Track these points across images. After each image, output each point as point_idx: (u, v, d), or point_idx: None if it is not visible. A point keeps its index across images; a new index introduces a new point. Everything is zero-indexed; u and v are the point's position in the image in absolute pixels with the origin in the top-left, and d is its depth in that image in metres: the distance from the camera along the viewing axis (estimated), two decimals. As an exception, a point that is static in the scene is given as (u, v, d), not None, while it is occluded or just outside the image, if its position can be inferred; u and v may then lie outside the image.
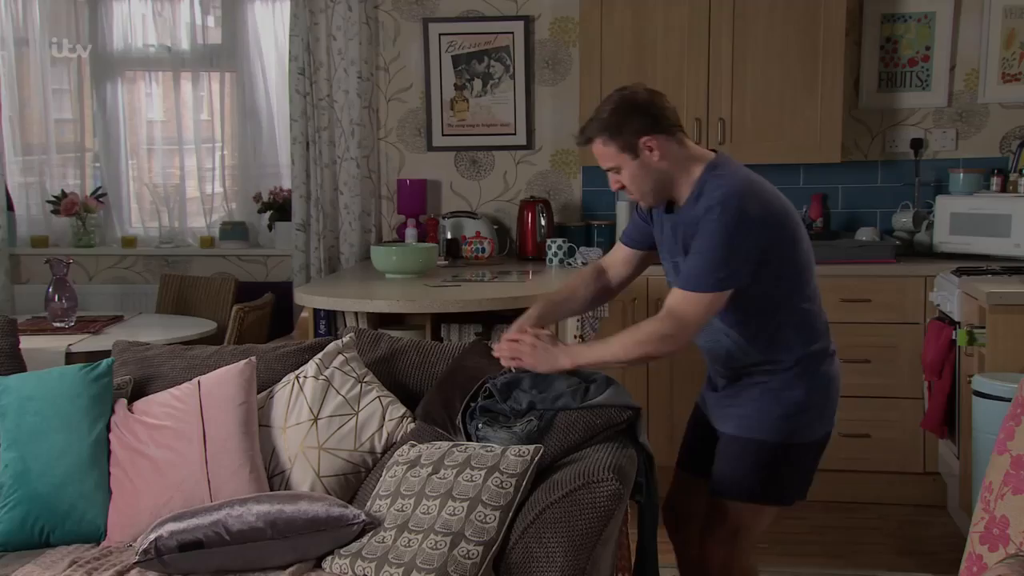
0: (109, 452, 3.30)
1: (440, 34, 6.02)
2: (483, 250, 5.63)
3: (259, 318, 5.09)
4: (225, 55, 6.40)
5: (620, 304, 5.34)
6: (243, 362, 3.35)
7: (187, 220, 6.53)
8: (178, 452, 3.24)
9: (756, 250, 2.93)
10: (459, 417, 3.19)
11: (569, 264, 5.43)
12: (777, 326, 3.07)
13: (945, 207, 5.52)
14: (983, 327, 4.40)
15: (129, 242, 6.45)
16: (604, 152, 3.05)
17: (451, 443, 3.05)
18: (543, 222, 5.72)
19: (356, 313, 4.62)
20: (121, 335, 4.80)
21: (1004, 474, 2.21)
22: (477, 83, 6.01)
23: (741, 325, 3.07)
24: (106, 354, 4.41)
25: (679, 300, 2.97)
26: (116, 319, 5.24)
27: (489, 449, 2.95)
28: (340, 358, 3.41)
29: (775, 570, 4.41)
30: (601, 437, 3.05)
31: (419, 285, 4.81)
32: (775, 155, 5.55)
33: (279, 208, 6.28)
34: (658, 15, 5.56)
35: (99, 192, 6.43)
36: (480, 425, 3.11)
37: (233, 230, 6.37)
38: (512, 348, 3.15)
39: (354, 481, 3.28)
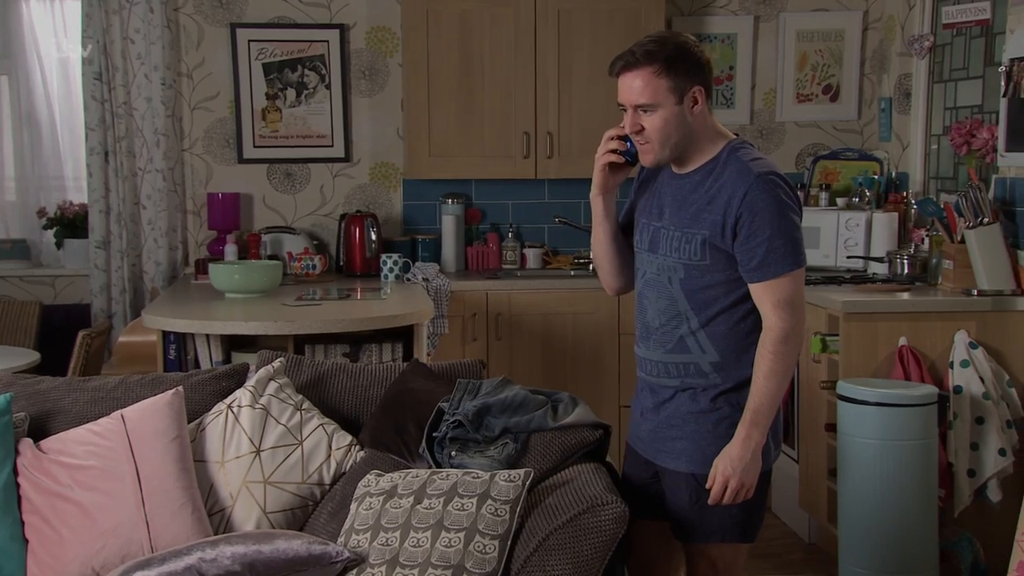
0: (19, 498, 2.92)
1: (249, 40, 5.71)
2: (313, 267, 5.38)
3: (101, 345, 4.65)
4: (-5, 57, 5.85)
5: (459, 320, 5.26)
6: (170, 392, 3.05)
7: (-47, 237, 5.92)
8: (108, 494, 2.91)
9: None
10: (423, 445, 3.02)
11: (408, 280, 5.27)
12: (747, 331, 2.87)
13: (757, 220, 5.74)
14: (835, 335, 4.60)
15: None
16: (650, 84, 2.76)
17: (429, 471, 2.88)
18: (373, 237, 5.52)
19: (207, 336, 4.32)
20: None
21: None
22: (291, 92, 5.75)
23: (713, 319, 2.88)
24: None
25: (779, 289, 2.77)
26: (-89, 350, 4.65)
27: (474, 476, 2.81)
28: (274, 385, 3.16)
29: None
30: (575, 458, 2.98)
31: (274, 304, 4.53)
32: (601, 170, 5.59)
33: (68, 224, 5.77)
34: (484, 28, 5.51)
35: None
36: (454, 452, 2.96)
37: (12, 248, 5.80)
38: (729, 497, 2.81)
39: (301, 516, 3.06)
